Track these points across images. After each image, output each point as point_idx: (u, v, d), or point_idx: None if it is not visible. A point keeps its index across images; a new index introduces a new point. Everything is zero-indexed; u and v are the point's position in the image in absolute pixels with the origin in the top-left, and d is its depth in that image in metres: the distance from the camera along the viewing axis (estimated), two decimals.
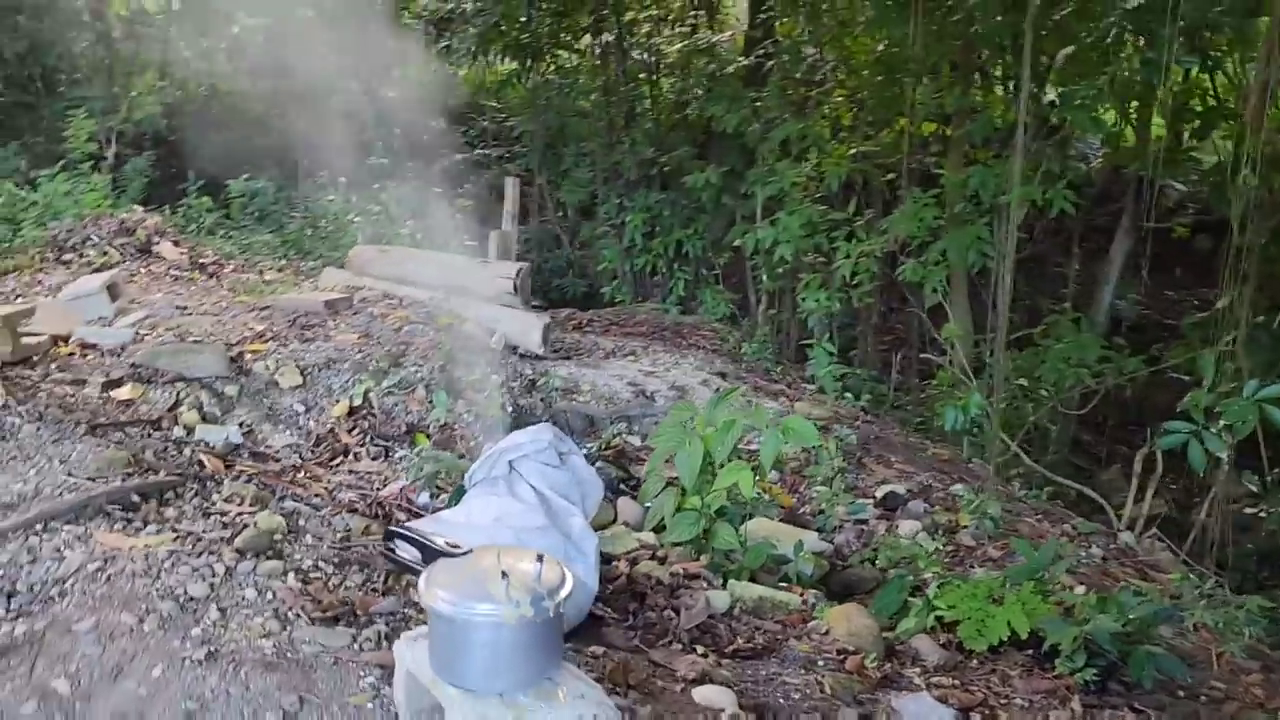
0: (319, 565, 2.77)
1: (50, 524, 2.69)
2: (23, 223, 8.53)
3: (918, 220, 7.43)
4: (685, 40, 9.90)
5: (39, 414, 3.35)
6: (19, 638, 2.23)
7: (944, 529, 4.56)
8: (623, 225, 10.49)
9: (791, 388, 6.97)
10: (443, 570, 1.92)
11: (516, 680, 1.83)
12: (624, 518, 3.94)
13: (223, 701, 2.07)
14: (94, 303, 5.16)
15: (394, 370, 4.58)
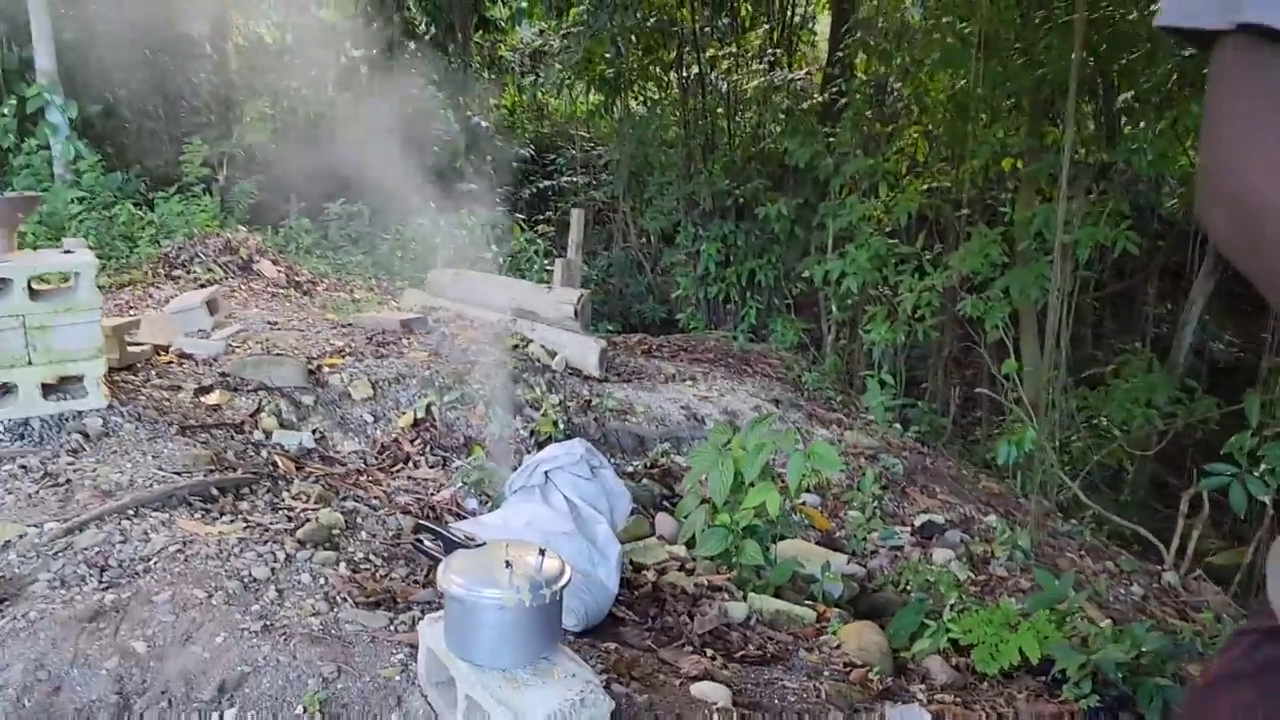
0: (369, 558, 3.09)
1: (140, 510, 3.06)
2: (139, 240, 9.18)
3: (983, 256, 7.53)
4: (762, 77, 10.15)
5: (138, 415, 3.76)
6: (108, 605, 2.59)
7: (977, 559, 4.69)
8: (698, 254, 10.76)
9: (849, 417, 7.13)
10: (458, 559, 2.21)
11: (517, 657, 2.10)
12: (661, 531, 4.19)
13: (272, 667, 2.38)
14: (194, 316, 5.62)
15: (458, 386, 4.92)
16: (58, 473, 3.28)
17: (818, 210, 9.44)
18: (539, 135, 16.95)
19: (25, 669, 2.36)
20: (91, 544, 2.85)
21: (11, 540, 2.87)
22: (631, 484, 4.63)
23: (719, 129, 11.05)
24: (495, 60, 17.49)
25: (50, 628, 2.49)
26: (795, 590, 3.97)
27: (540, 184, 15.01)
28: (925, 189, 8.92)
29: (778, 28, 11.46)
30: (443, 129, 13.94)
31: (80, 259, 3.63)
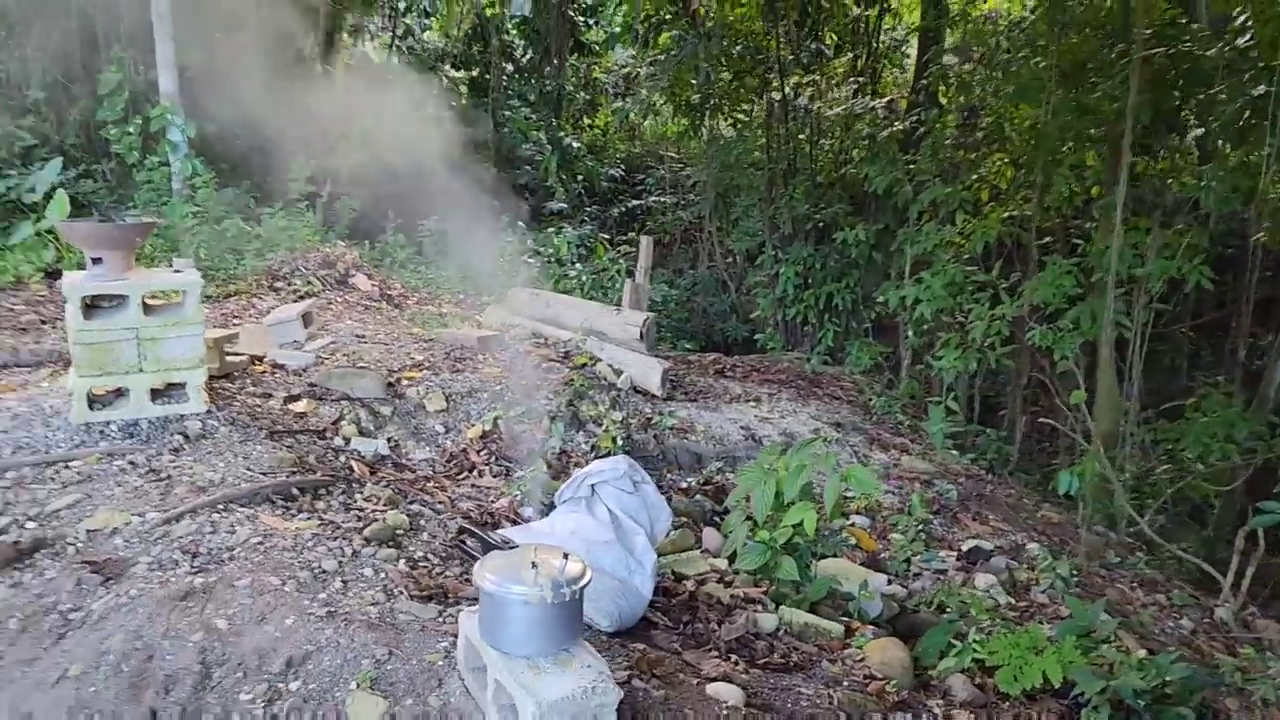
0: (428, 556, 3.41)
1: (229, 505, 3.44)
2: (246, 253, 9.78)
3: (1055, 287, 7.56)
4: (844, 105, 10.31)
5: (232, 419, 4.17)
6: (197, 587, 2.95)
7: (1020, 585, 4.80)
8: (777, 275, 10.94)
9: (915, 442, 7.23)
10: (493, 559, 2.49)
11: (539, 647, 2.37)
12: (707, 545, 4.42)
13: (333, 648, 2.70)
14: (290, 328, 6.06)
15: (526, 401, 5.23)
16: (160, 469, 3.69)
17: (897, 236, 9.55)
18: (630, 155, 17.32)
19: (125, 639, 2.73)
20: (186, 533, 3.23)
21: (119, 527, 3.27)
22: (684, 499, 4.88)
23: (801, 154, 11.23)
24: (590, 82, 17.93)
25: (147, 604, 2.86)
26: (832, 607, 4.16)
27: (629, 203, 15.34)
28: (1006, 217, 8.96)
29: (863, 55, 11.59)
30: (535, 149, 14.41)
31: (188, 278, 4.05)
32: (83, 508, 3.40)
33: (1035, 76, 7.78)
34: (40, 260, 8.69)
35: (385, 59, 17.98)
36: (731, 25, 11.11)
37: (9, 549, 3.18)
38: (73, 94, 12.10)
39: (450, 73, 16.81)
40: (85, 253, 3.98)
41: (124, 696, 2.57)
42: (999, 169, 9.75)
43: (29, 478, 3.65)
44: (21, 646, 2.79)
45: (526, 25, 15.53)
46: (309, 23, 14.68)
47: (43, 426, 4.00)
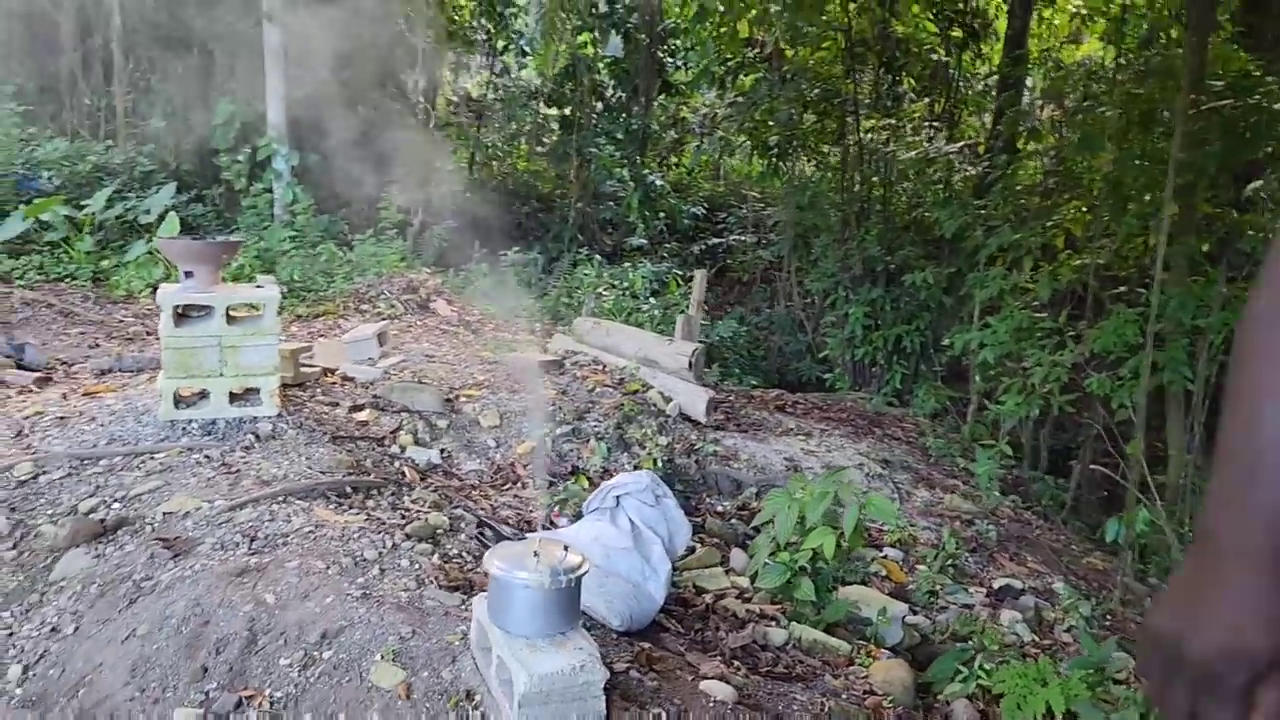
0: (461, 554, 3.72)
1: (288, 498, 3.81)
2: (336, 276, 10.37)
3: (1117, 335, 7.59)
4: (919, 149, 10.47)
5: (300, 423, 4.56)
6: (252, 566, 3.30)
7: (1045, 624, 4.89)
8: (847, 316, 11.08)
9: (966, 484, 7.31)
10: (502, 548, 2.78)
11: (538, 629, 2.64)
12: (734, 564, 4.64)
13: (364, 624, 3.02)
14: (366, 346, 6.49)
15: (577, 422, 5.54)
16: (232, 463, 4.09)
17: (967, 280, 9.63)
18: (713, 194, 17.65)
19: (186, 605, 3.09)
20: (247, 520, 3.60)
21: (190, 511, 3.66)
22: (718, 522, 5.11)
23: (875, 196, 11.39)
24: (677, 121, 18.36)
25: (208, 578, 3.22)
26: (850, 631, 4.33)
27: (709, 241, 15.64)
28: (1077, 264, 9.00)
29: (942, 100, 11.74)
30: (619, 185, 14.84)
31: (267, 293, 4.48)
32: (161, 493, 3.81)
33: (1101, 126, 7.85)
34: (150, 277, 9.37)
35: (483, 95, 18.74)
36: (811, 69, 11.37)
37: (96, 525, 3.60)
38: (190, 123, 12.98)
39: (543, 109, 17.43)
40: (179, 267, 4.44)
41: (181, 655, 2.92)
42: (1075, 216, 9.78)
43: (119, 465, 4.09)
44: (99, 608, 3.18)
45: (617, 65, 16.05)
46: (411, 59, 15.44)
47: (134, 422, 4.46)
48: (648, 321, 10.45)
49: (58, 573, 3.40)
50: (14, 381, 5.75)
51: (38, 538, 3.59)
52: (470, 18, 17.42)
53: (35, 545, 3.56)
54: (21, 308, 8.36)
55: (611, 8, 15.33)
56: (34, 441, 4.38)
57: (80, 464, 4.10)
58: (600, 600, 3.43)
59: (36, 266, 9.51)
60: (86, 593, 3.25)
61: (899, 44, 11.71)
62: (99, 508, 3.75)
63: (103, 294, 9.31)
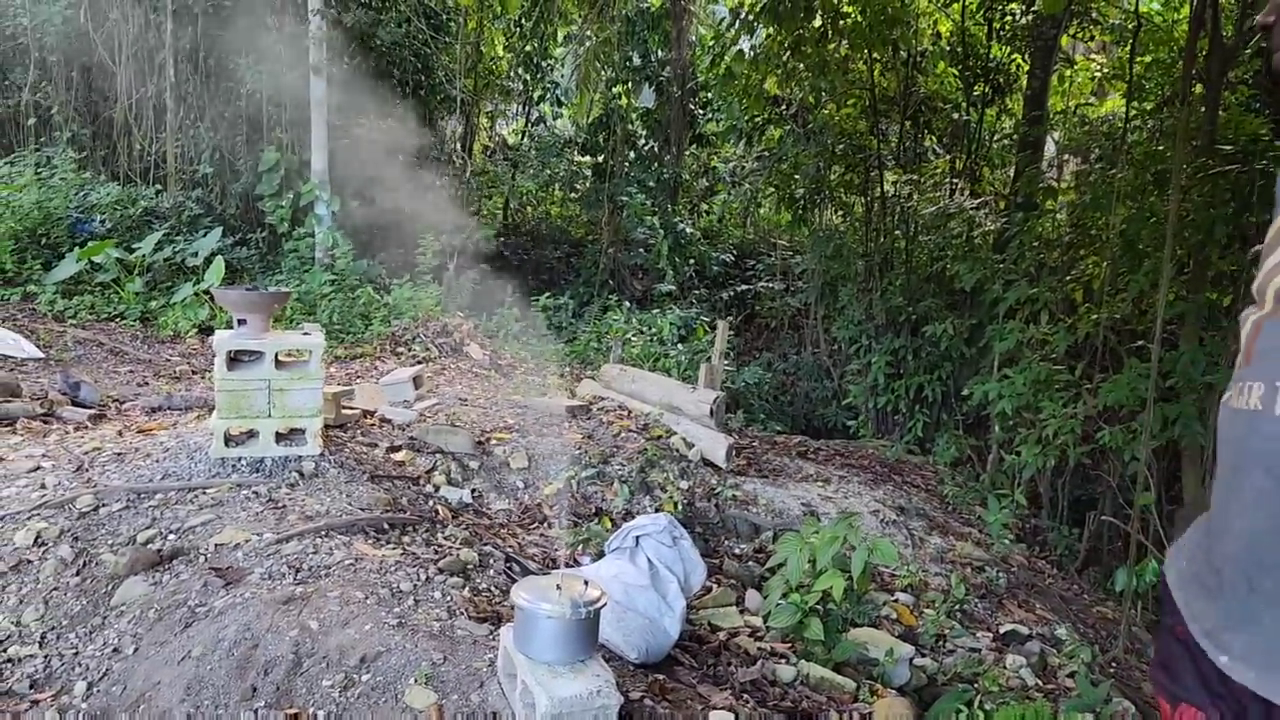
0: (490, 589, 3.97)
1: (330, 532, 4.08)
2: (374, 320, 10.73)
3: (1129, 389, 7.76)
4: (938, 204, 10.73)
5: (341, 463, 4.85)
6: (297, 595, 3.57)
7: (1050, 668, 5.05)
8: (870, 365, 11.30)
9: (979, 531, 7.48)
10: (528, 582, 3.04)
11: (559, 656, 2.89)
12: (748, 604, 4.85)
13: (399, 651, 3.27)
14: (402, 389, 6.80)
15: (602, 466, 5.79)
16: (278, 499, 4.38)
17: (986, 332, 9.84)
18: (743, 241, 17.96)
19: (237, 630, 3.36)
20: (293, 552, 3.88)
21: (240, 543, 3.94)
22: (735, 564, 5.33)
23: (898, 249, 11.65)
24: (708, 170, 18.75)
25: (257, 605, 3.49)
26: (858, 671, 4.52)
27: (738, 288, 15.92)
28: (1094, 318, 9.20)
29: (962, 157, 12.01)
30: (649, 233, 15.19)
31: (313, 340, 4.79)
32: (213, 526, 4.10)
33: (1111, 187, 8.09)
34: (196, 318, 9.78)
35: (519, 143, 19.24)
36: (836, 124, 11.69)
37: (153, 554, 3.89)
38: (236, 169, 13.49)
39: (577, 157, 17.89)
40: (232, 314, 4.77)
41: (232, 675, 3.18)
42: (1092, 271, 9.98)
43: (174, 499, 4.39)
44: (156, 632, 3.46)
45: (649, 116, 16.49)
46: (449, 109, 15.95)
47: (187, 459, 4.76)
48: (674, 367, 10.73)
49: (118, 598, 3.68)
50: (70, 418, 6.11)
51: (99, 566, 3.89)
52: (508, 68, 17.97)
53: (97, 573, 3.85)
54: (74, 346, 8.77)
55: (645, 62, 15.81)
56: (94, 475, 4.69)
57: (137, 498, 4.40)
58: (618, 634, 3.67)
59: (88, 306, 9.95)
60: (145, 617, 3.53)
61: (923, 100, 12.03)
62: (155, 539, 4.04)
63: (150, 333, 9.73)
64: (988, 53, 12.03)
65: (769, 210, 17.99)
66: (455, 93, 15.09)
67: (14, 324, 9.11)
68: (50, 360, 8.19)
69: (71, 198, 11.68)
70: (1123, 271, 9.76)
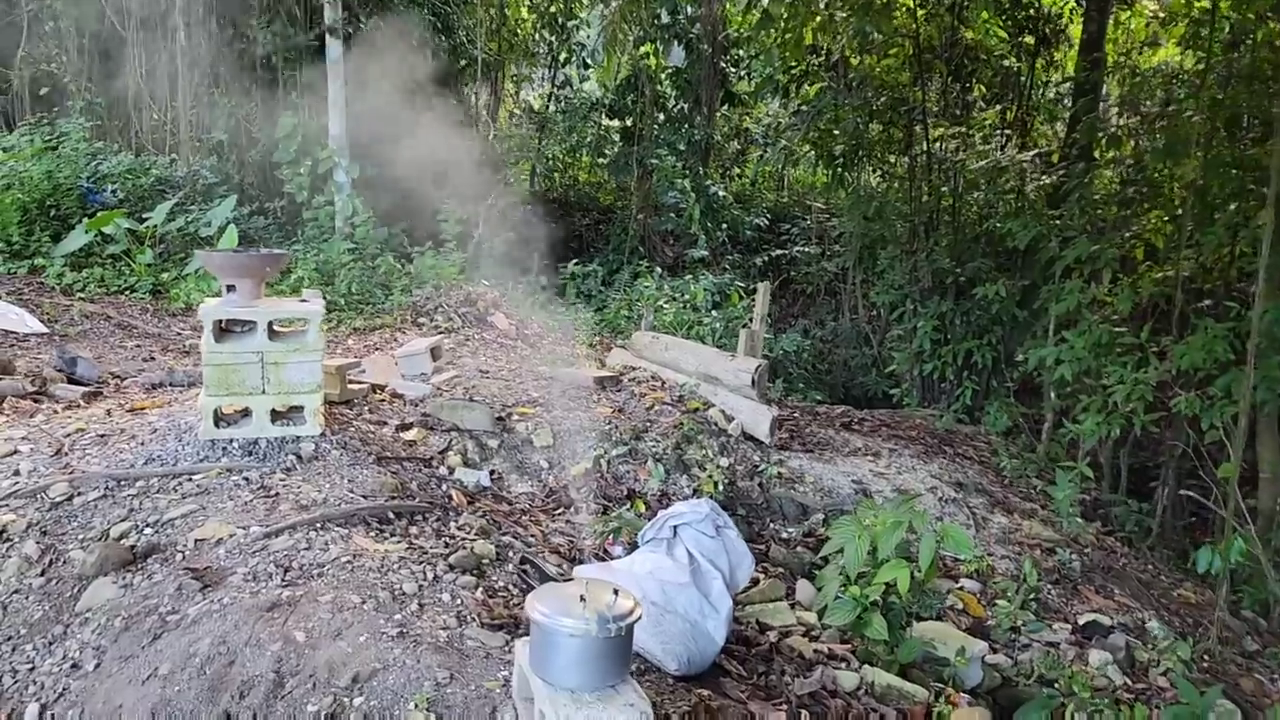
0: (508, 587, 3.48)
1: (326, 524, 3.61)
2: (394, 289, 10.26)
3: (1204, 351, 7.14)
4: (988, 158, 10.06)
5: (344, 443, 4.37)
6: (284, 600, 3.10)
7: (1139, 666, 4.51)
8: (915, 330, 10.70)
9: (1044, 508, 6.91)
10: (546, 590, 2.53)
11: (583, 682, 2.39)
12: (799, 597, 4.34)
13: (399, 667, 2.79)
14: (419, 361, 6.31)
15: (634, 442, 5.28)
16: (271, 486, 3.91)
17: (1040, 293, 9.22)
18: (777, 205, 17.33)
19: (211, 643, 2.89)
20: (282, 548, 3.40)
21: (224, 538, 3.48)
22: (783, 550, 4.81)
23: (943, 207, 11.00)
24: (740, 132, 18.09)
25: (236, 612, 3.02)
26: (925, 672, 4.00)
27: (773, 252, 15.31)
28: (1159, 276, 8.55)
29: (1012, 108, 11.30)
30: (680, 197, 14.60)
31: (310, 308, 4.30)
32: (195, 518, 3.64)
33: (1186, 131, 7.41)
34: (209, 289, 9.34)
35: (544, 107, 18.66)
36: (877, 76, 11.02)
37: (126, 552, 3.43)
38: (253, 136, 13.04)
39: (604, 121, 17.28)
40: (220, 280, 4.28)
41: (203, 698, 2.72)
42: (1156, 226, 9.30)
43: (155, 487, 3.93)
44: (122, 644, 3.00)
45: (679, 75, 15.83)
46: (471, 72, 15.39)
47: (175, 441, 4.30)
48: (709, 335, 10.17)
49: (84, 603, 3.23)
50: (63, 396, 5.68)
51: (66, 564, 3.44)
52: (533, 30, 17.37)
53: (64, 573, 3.40)
54: (81, 320, 8.37)
55: (674, 18, 15.13)
56: (73, 460, 4.24)
57: (116, 485, 3.95)
58: (655, 641, 3.16)
59: (98, 279, 9.56)
60: (111, 626, 3.07)
61: (968, 51, 11.31)
62: (131, 532, 3.58)
63: (161, 307, 9.32)
64: (1036, 1, 11.32)
65: (805, 171, 17.33)
66: (477, 53, 14.51)
67: (19, 298, 8.73)
68: (55, 335, 7.80)
69: (83, 168, 11.26)
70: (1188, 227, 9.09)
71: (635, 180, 15.36)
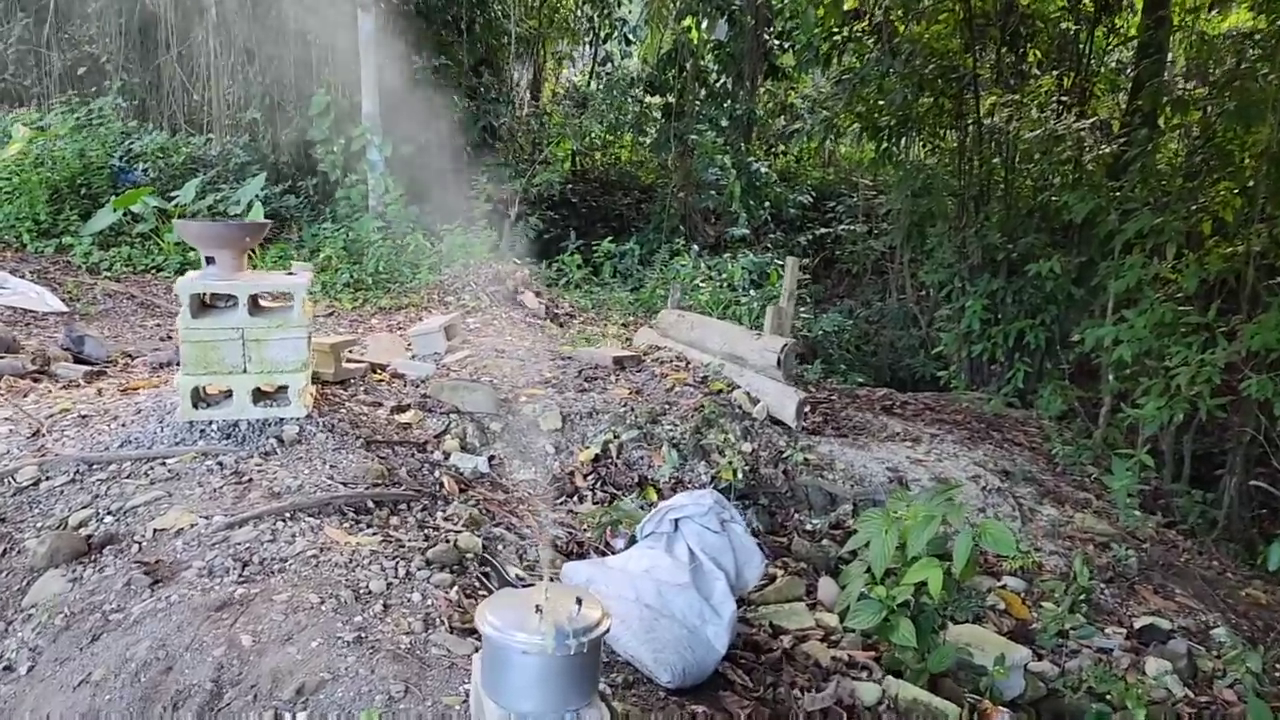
0: (489, 588, 3.15)
1: (297, 514, 3.31)
2: (422, 267, 10.02)
3: (1278, 332, 6.60)
4: (1043, 127, 9.49)
5: (331, 426, 4.08)
6: (236, 598, 2.81)
7: (1202, 676, 4.07)
8: (963, 309, 10.20)
9: (1099, 499, 6.44)
10: (500, 597, 2.20)
11: (541, 704, 2.05)
12: (821, 596, 3.97)
13: (349, 678, 2.49)
14: (433, 339, 6.03)
15: (650, 426, 4.94)
16: (245, 472, 3.63)
17: (1099, 270, 8.68)
18: (823, 182, 16.83)
19: (150, 647, 2.61)
20: (244, 540, 3.12)
21: (184, 528, 3.20)
22: (806, 543, 4.45)
23: (996, 180, 10.45)
24: (785, 108, 17.58)
25: (183, 612, 2.74)
26: (960, 681, 3.62)
27: (817, 231, 14.84)
28: (1228, 251, 7.98)
29: (1071, 74, 10.70)
30: (721, 174, 14.18)
31: (294, 280, 4.01)
32: (158, 505, 3.37)
33: (1260, 94, 6.85)
34: None
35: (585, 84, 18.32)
36: (925, 43, 10.48)
37: (81, 542, 3.17)
38: (287, 115, 12.87)
39: (646, 97, 16.89)
40: (200, 251, 4.01)
41: (134, 708, 2.44)
42: (1225, 198, 8.71)
43: (126, 472, 3.68)
44: (60, 644, 2.74)
45: (721, 50, 15.38)
46: (507, 48, 15.09)
47: (156, 423, 4.05)
48: (745, 315, 9.77)
49: (30, 597, 2.98)
50: (64, 375, 5.48)
51: (20, 554, 3.19)
52: (574, 5, 17.03)
53: (16, 564, 3.15)
54: (103, 299, 8.24)
55: None
56: (49, 443, 4.01)
57: (88, 469, 3.70)
58: (647, 649, 2.82)
59: (125, 258, 9.43)
60: (51, 624, 2.81)
61: (1023, 16, 10.71)
62: (90, 520, 3.32)
63: None
64: None
65: (850, 146, 16.79)
66: (511, 27, 14.19)
67: (44, 277, 8.62)
68: (75, 314, 7.66)
69: (115, 146, 11.16)
70: (1261, 198, 8.49)
71: (675, 157, 14.97)
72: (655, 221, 14.83)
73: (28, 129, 10.77)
